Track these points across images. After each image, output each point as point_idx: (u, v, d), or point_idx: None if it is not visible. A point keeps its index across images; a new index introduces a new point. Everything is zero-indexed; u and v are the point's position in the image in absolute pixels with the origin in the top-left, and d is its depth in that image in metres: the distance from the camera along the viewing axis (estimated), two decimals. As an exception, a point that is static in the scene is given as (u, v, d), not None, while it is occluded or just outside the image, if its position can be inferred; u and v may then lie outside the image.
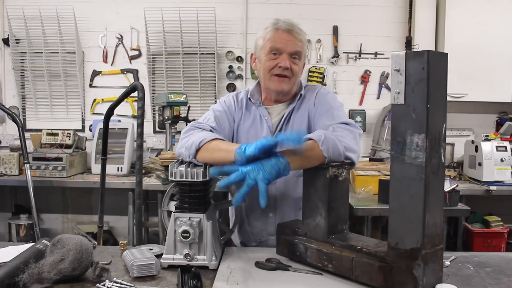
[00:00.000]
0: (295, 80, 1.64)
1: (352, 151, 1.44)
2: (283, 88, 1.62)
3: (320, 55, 3.93)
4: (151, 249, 1.49)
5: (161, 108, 3.63)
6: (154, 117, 4.00)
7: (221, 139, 1.50)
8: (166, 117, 3.56)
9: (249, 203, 1.68)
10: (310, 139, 1.39)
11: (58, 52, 3.89)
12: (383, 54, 3.92)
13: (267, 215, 1.67)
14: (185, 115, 3.68)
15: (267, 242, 1.70)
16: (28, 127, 3.94)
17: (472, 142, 3.56)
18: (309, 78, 3.91)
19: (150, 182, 3.31)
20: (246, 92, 1.75)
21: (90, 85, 4.01)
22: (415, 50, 3.69)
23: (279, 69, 1.59)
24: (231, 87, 3.97)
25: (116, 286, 1.19)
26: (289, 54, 1.59)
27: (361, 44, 3.88)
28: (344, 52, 3.93)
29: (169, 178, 1.42)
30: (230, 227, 1.65)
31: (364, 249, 1.25)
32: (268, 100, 1.72)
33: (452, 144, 3.96)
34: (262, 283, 1.28)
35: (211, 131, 1.59)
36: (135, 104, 3.96)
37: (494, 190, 3.28)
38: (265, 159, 1.24)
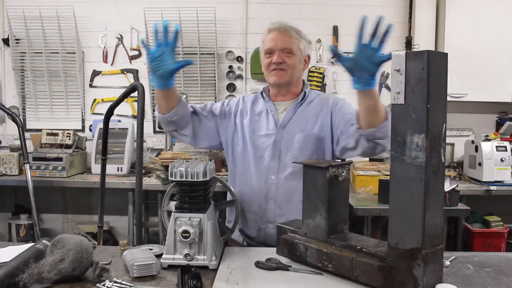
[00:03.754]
0: (293, 72, 1.76)
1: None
2: (281, 80, 1.76)
3: (320, 55, 3.93)
4: (151, 249, 1.49)
5: (161, 108, 3.62)
6: (154, 117, 4.00)
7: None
8: (166, 117, 3.56)
9: (250, 192, 1.77)
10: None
11: (58, 52, 3.88)
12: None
13: (267, 203, 1.74)
14: (185, 115, 3.67)
15: (265, 229, 1.75)
16: (28, 127, 3.94)
17: (472, 142, 3.56)
18: (309, 78, 3.90)
19: (150, 182, 3.31)
20: (255, 94, 1.92)
21: (90, 85, 4.00)
22: (415, 50, 3.69)
23: (273, 65, 1.74)
24: (231, 87, 3.96)
25: (116, 286, 1.20)
26: (280, 51, 1.74)
27: (361, 44, 3.88)
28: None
29: (169, 178, 1.43)
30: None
31: (364, 249, 1.25)
32: (275, 96, 1.85)
33: (452, 144, 3.96)
34: (262, 283, 1.28)
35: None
36: (135, 104, 3.95)
37: (494, 190, 3.27)
38: None
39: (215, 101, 3.93)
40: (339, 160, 1.43)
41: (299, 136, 1.74)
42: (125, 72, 3.98)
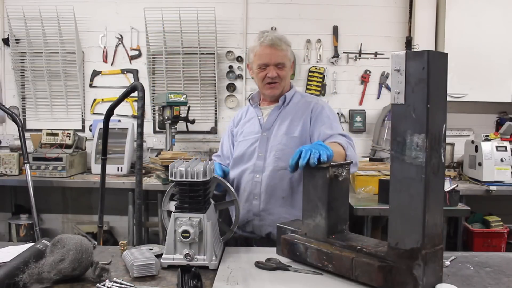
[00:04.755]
0: (284, 82, 1.97)
1: (356, 166, 1.78)
2: (275, 93, 1.97)
3: (320, 55, 3.93)
4: (151, 249, 1.49)
5: (161, 108, 3.63)
6: (154, 117, 4.00)
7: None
8: (166, 117, 3.56)
9: (240, 189, 1.95)
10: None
11: (58, 52, 3.88)
12: (383, 54, 3.92)
13: (253, 199, 1.90)
14: (185, 115, 3.68)
15: (252, 221, 1.90)
16: (28, 127, 3.94)
17: (472, 142, 3.56)
18: (309, 78, 3.90)
19: (150, 182, 3.30)
20: (248, 105, 2.13)
21: (90, 85, 4.00)
22: (415, 50, 3.69)
23: (268, 79, 1.93)
24: (231, 87, 3.96)
25: (116, 286, 1.20)
26: (274, 65, 1.92)
27: (361, 44, 3.88)
28: (344, 52, 3.92)
29: (169, 178, 1.43)
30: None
31: (364, 249, 1.25)
32: (264, 101, 2.06)
33: (452, 144, 3.96)
34: (262, 283, 1.28)
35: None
36: (135, 104, 3.95)
37: (494, 190, 3.27)
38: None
39: (215, 101, 3.95)
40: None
41: (282, 138, 1.89)
42: (125, 72, 3.97)
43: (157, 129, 3.86)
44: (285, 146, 1.87)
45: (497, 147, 3.40)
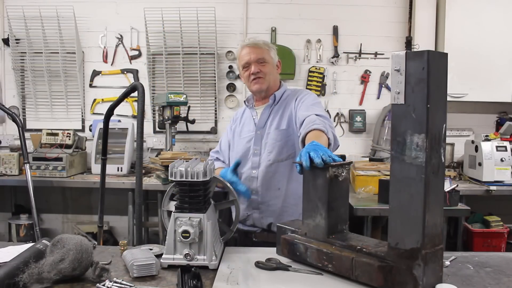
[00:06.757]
0: (270, 77, 2.04)
1: (337, 144, 1.79)
2: (261, 87, 2.03)
3: (320, 55, 3.93)
4: (151, 249, 1.49)
5: (161, 108, 3.63)
6: (154, 117, 4.00)
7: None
8: (166, 117, 3.56)
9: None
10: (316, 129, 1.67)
11: (58, 52, 3.88)
12: (383, 54, 3.92)
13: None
14: (185, 115, 3.68)
15: (252, 215, 2.01)
16: (28, 127, 3.94)
17: (472, 142, 3.56)
18: (309, 78, 3.90)
19: (150, 182, 3.30)
20: (245, 106, 2.20)
21: (90, 85, 4.00)
22: (415, 50, 3.69)
23: (252, 75, 2.02)
24: (231, 87, 3.96)
25: (116, 286, 1.20)
26: (255, 62, 2.01)
27: (361, 44, 3.88)
28: (344, 52, 3.92)
29: (169, 178, 1.43)
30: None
31: (364, 249, 1.25)
32: (258, 102, 2.13)
33: (452, 144, 3.96)
34: (262, 283, 1.28)
35: (217, 158, 2.22)
36: (135, 104, 3.95)
37: (494, 190, 3.27)
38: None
39: (215, 101, 3.95)
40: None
41: (273, 133, 1.99)
42: (125, 72, 3.97)
43: (157, 129, 3.86)
44: (275, 140, 1.97)
45: (497, 147, 3.40)
